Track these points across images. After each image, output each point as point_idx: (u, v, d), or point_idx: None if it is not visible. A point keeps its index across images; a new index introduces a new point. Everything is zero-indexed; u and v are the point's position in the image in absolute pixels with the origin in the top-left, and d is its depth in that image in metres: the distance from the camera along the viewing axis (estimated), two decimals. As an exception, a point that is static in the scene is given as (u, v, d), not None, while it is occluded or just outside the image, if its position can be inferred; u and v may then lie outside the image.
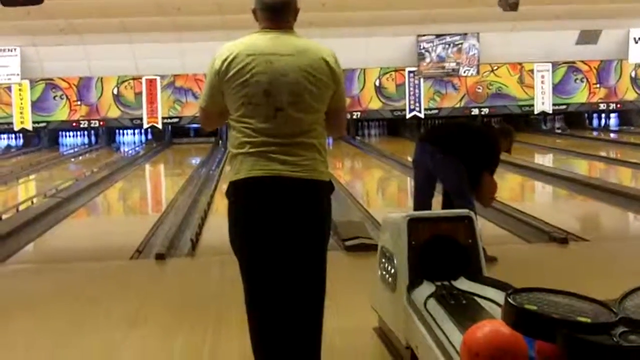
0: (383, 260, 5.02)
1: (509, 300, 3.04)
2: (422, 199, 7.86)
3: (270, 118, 3.88)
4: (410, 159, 9.73)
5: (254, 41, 3.99)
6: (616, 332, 2.87)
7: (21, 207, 12.66)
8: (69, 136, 27.50)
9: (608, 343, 2.83)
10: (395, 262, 4.71)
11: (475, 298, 4.31)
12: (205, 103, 4.13)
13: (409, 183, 14.21)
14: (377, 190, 16.07)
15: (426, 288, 4.49)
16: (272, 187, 3.88)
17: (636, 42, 26.38)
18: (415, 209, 7.74)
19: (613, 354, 2.83)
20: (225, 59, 3.93)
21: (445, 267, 4.62)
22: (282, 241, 3.91)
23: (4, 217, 11.55)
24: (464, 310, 4.10)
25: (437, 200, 7.96)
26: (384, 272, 4.95)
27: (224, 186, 3.97)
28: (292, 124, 3.91)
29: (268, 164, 3.87)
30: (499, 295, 4.12)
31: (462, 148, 7.64)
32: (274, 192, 3.88)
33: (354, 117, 26.32)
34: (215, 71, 3.97)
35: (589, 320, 2.91)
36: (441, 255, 4.64)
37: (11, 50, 24.94)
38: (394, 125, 27.43)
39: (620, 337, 2.84)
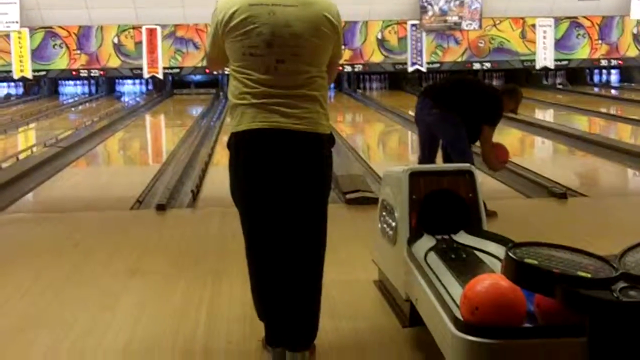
0: (384, 213, 5.02)
1: (509, 254, 3.06)
2: (426, 154, 7.89)
3: (271, 69, 3.87)
4: (411, 112, 9.72)
5: None
6: (616, 287, 2.88)
7: (21, 156, 12.66)
8: (69, 85, 27.44)
9: (608, 298, 2.84)
10: (395, 215, 4.71)
11: (476, 252, 4.32)
12: (210, 51, 4.14)
13: (410, 137, 14.24)
14: (378, 144, 16.05)
15: (426, 242, 4.50)
16: (273, 139, 3.87)
17: (639, -1, 26.28)
18: (420, 163, 7.76)
19: (613, 309, 2.84)
20: (228, 10, 3.91)
21: (445, 221, 4.62)
22: (283, 193, 3.92)
23: (3, 165, 11.56)
24: (464, 264, 4.12)
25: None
26: (385, 226, 4.96)
27: (224, 138, 3.97)
28: (293, 75, 3.90)
29: (269, 115, 3.87)
30: (499, 250, 4.14)
31: (461, 103, 7.64)
32: (275, 144, 3.88)
33: (356, 69, 26.28)
34: (217, 22, 3.95)
35: (589, 275, 2.93)
36: (442, 209, 4.64)
37: (10, -2, 24.80)
38: (396, 79, 27.36)
39: (620, 292, 2.86)
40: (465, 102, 7.66)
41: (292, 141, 3.89)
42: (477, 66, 26.63)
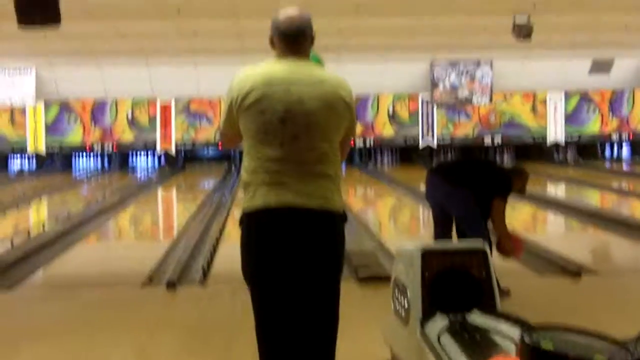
0: (396, 292, 4.98)
1: (525, 338, 3.02)
2: (440, 232, 7.85)
3: (284, 145, 3.89)
4: (423, 187, 9.72)
5: (271, 69, 4.01)
6: (632, 373, 2.84)
7: (33, 232, 12.66)
8: (82, 159, 27.54)
9: (625, 383, 2.80)
10: (408, 294, 4.67)
11: (489, 332, 4.27)
12: (223, 127, 4.15)
13: (422, 211, 14.22)
14: (389, 219, 16.03)
15: (440, 321, 4.45)
16: (285, 217, 3.87)
17: (649, 72, 26.43)
18: (435, 239, 7.73)
19: (629, 395, 2.80)
20: (243, 87, 3.95)
21: (459, 300, 4.58)
22: (295, 271, 3.90)
23: (15, 241, 11.56)
24: (478, 345, 4.07)
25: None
26: (397, 305, 4.91)
27: (236, 212, 3.97)
28: (306, 152, 3.91)
29: (282, 193, 3.87)
30: (513, 330, 4.09)
31: (471, 178, 7.64)
32: (287, 223, 3.88)
33: (367, 144, 26.38)
34: (232, 99, 3.99)
35: (605, 360, 2.88)
36: (455, 288, 4.60)
37: (27, 70, 25.00)
38: (407, 153, 27.42)
39: (637, 377, 2.81)
40: (475, 178, 7.67)
41: (304, 219, 3.89)
42: (488, 141, 26.71)
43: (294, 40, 4.06)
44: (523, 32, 15.98)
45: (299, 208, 3.87)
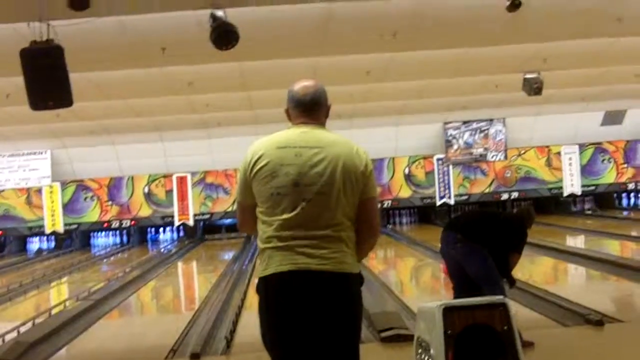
0: (419, 350, 4.98)
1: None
2: (459, 288, 7.80)
3: (297, 208, 3.89)
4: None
5: (284, 135, 4.05)
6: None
7: (54, 311, 12.67)
8: (101, 236, 27.65)
9: None
10: (431, 352, 4.67)
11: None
12: (240, 197, 4.15)
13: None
14: (410, 279, 16.00)
15: (464, 377, 4.45)
16: (300, 281, 3.87)
17: (662, 121, 26.45)
18: (455, 297, 7.69)
19: None
20: (255, 153, 3.99)
21: (482, 355, 4.57)
22: (312, 334, 3.88)
23: (37, 321, 11.57)
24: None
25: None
26: (421, 363, 4.91)
27: (256, 281, 3.98)
28: (319, 216, 3.91)
29: (296, 258, 3.87)
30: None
31: (485, 234, 7.64)
32: (302, 286, 3.88)
33: (385, 205, 26.46)
34: (245, 165, 4.03)
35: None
36: (477, 343, 4.60)
37: (41, 153, 25.20)
38: (425, 213, 27.48)
39: None
40: (489, 233, 7.67)
41: (319, 282, 3.88)
42: (505, 196, 26.76)
43: (309, 108, 4.11)
44: (533, 87, 16.04)
45: (313, 270, 3.88)
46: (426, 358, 4.80)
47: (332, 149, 3.98)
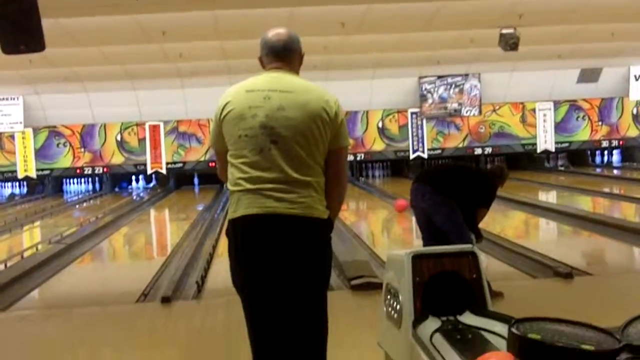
0: (388, 297, 5.01)
1: (513, 330, 3.05)
2: (428, 239, 7.86)
3: (265, 150, 3.90)
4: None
5: (254, 80, 4.06)
6: (620, 359, 2.87)
7: (26, 254, 12.67)
8: (73, 183, 27.61)
9: (612, 370, 2.83)
10: (400, 298, 4.70)
11: (481, 332, 4.30)
12: (212, 141, 4.19)
13: (414, 222, 14.24)
14: (382, 230, 16.06)
15: (432, 323, 4.47)
16: (268, 224, 3.88)
17: (637, 80, 26.56)
18: (425, 247, 7.74)
19: (618, 381, 2.83)
20: (226, 98, 4.02)
21: (450, 302, 4.61)
22: (281, 277, 3.91)
23: (9, 264, 11.57)
24: (470, 344, 4.09)
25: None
26: (390, 309, 4.94)
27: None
28: (286, 158, 3.91)
29: (264, 201, 3.88)
30: (504, 329, 4.11)
31: (454, 187, 7.69)
32: (270, 229, 3.89)
33: (358, 158, 26.47)
34: (217, 110, 4.04)
35: (592, 348, 2.91)
36: (446, 291, 4.63)
37: (14, 99, 25.08)
38: (398, 166, 27.53)
39: (625, 364, 2.85)
40: (458, 186, 7.71)
41: (287, 226, 3.90)
42: (478, 151, 26.85)
43: (282, 53, 4.12)
44: (510, 43, 16.03)
45: (281, 214, 3.89)
46: (395, 305, 4.83)
47: (302, 94, 3.98)
